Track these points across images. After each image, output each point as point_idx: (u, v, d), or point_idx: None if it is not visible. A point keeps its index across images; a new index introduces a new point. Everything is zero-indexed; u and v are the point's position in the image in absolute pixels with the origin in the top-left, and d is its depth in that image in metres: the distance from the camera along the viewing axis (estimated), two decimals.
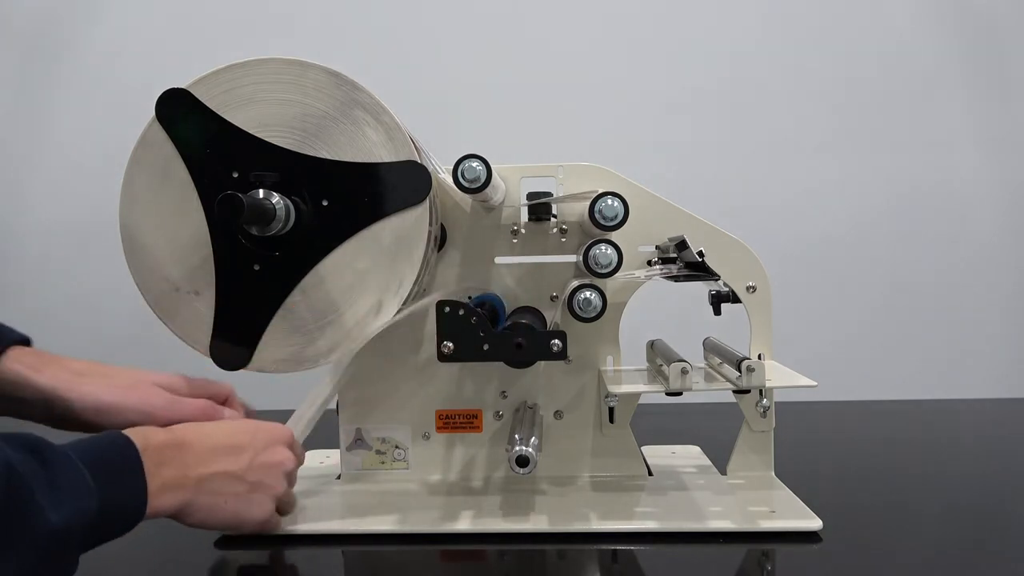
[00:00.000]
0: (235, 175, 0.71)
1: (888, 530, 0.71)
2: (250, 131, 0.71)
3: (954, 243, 1.42)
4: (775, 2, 1.42)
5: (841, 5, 1.42)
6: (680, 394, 0.73)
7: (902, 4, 1.41)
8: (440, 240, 0.81)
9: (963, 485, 0.87)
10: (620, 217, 0.71)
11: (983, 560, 0.66)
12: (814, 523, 0.69)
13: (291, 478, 0.70)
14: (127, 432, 0.56)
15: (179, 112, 0.71)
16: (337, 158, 0.71)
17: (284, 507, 0.71)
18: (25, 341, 0.71)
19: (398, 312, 0.72)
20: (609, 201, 0.71)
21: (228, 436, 0.64)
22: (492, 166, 0.71)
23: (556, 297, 0.82)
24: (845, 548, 0.67)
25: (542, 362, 0.81)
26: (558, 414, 0.83)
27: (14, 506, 0.43)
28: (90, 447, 0.53)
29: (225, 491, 0.62)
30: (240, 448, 0.63)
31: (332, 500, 0.79)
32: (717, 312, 0.80)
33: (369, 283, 0.72)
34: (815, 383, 0.71)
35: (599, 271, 0.71)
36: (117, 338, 1.20)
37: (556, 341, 0.67)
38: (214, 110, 0.71)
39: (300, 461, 0.72)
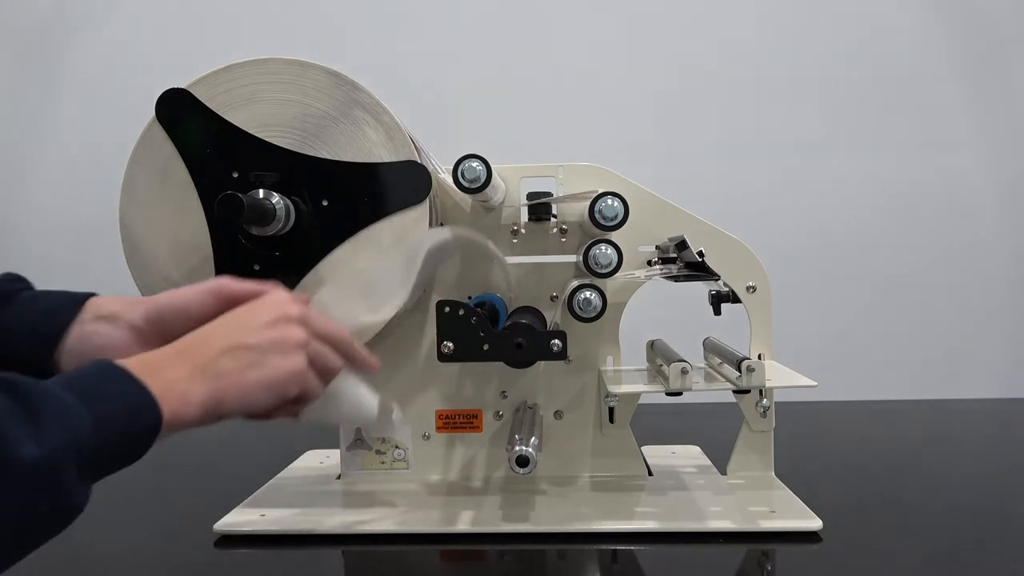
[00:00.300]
0: (235, 175, 0.71)
1: (888, 530, 0.70)
2: (250, 131, 0.71)
3: (954, 243, 1.42)
4: (775, 3, 1.42)
5: (842, 5, 1.42)
6: (680, 394, 0.73)
7: (903, 4, 1.41)
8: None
9: (963, 485, 0.87)
10: (620, 217, 0.71)
11: (983, 560, 0.66)
12: (814, 523, 0.69)
13: (305, 317, 0.61)
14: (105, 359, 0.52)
15: (179, 112, 0.71)
16: (337, 158, 0.71)
17: (329, 375, 0.63)
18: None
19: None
20: (609, 201, 0.71)
21: (217, 323, 0.58)
22: (492, 166, 0.71)
23: (556, 297, 0.82)
24: (845, 548, 0.67)
25: (542, 362, 0.81)
26: (558, 414, 0.83)
27: None
28: (69, 375, 0.50)
29: (237, 365, 0.56)
30: (231, 325, 0.58)
31: (332, 500, 0.79)
32: (717, 312, 0.80)
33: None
34: (815, 383, 0.71)
35: (599, 271, 0.71)
36: None
37: (556, 341, 0.67)
38: (214, 110, 0.71)
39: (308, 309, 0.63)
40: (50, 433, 0.44)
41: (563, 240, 0.82)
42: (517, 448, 0.67)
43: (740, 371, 0.70)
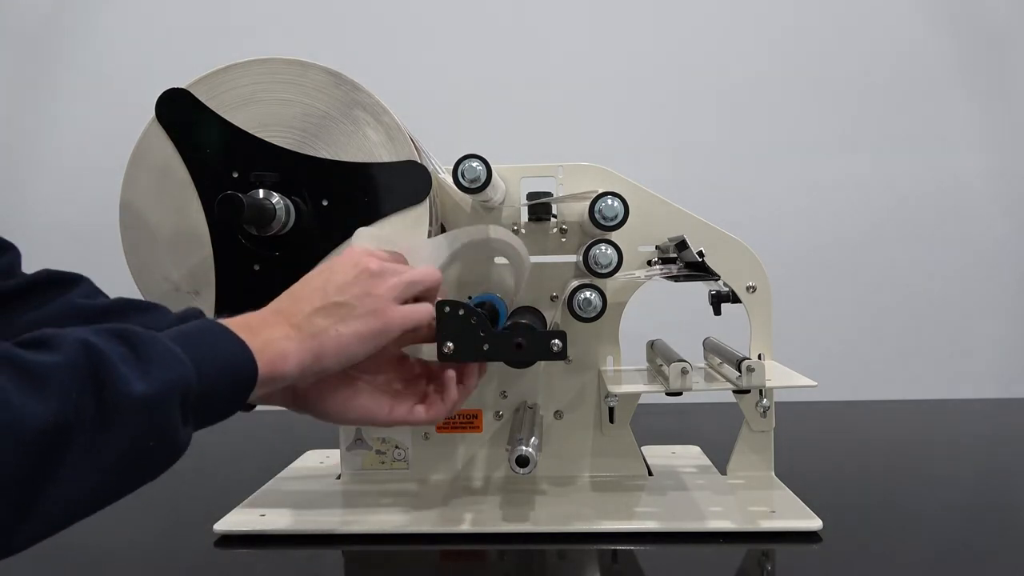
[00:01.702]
0: (235, 175, 0.71)
1: (888, 530, 0.70)
2: (250, 131, 0.71)
3: (954, 243, 1.42)
4: (776, 4, 1.42)
5: (841, 6, 1.42)
6: (680, 394, 0.73)
7: (904, 5, 1.41)
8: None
9: (963, 485, 0.87)
10: (620, 217, 0.71)
11: (983, 560, 0.66)
12: (814, 523, 0.69)
13: (385, 267, 0.63)
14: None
15: (179, 112, 0.71)
16: (337, 158, 0.71)
17: (429, 295, 0.66)
18: None
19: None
20: (609, 201, 0.71)
21: (303, 283, 0.61)
22: (492, 166, 0.71)
23: (556, 297, 0.82)
24: (845, 548, 0.67)
25: (542, 362, 0.81)
26: (558, 414, 0.83)
27: (97, 377, 0.44)
28: (180, 329, 0.53)
29: (329, 321, 0.59)
30: (317, 285, 0.61)
31: (332, 500, 0.79)
32: (717, 312, 0.80)
33: None
34: (815, 383, 0.71)
35: (599, 271, 0.71)
36: None
37: (556, 341, 0.67)
38: (214, 110, 0.71)
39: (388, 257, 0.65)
40: (157, 374, 0.47)
41: (563, 240, 0.82)
42: (517, 448, 0.67)
43: (740, 371, 0.70)
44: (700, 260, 0.72)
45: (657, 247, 0.80)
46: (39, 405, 0.42)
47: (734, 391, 0.78)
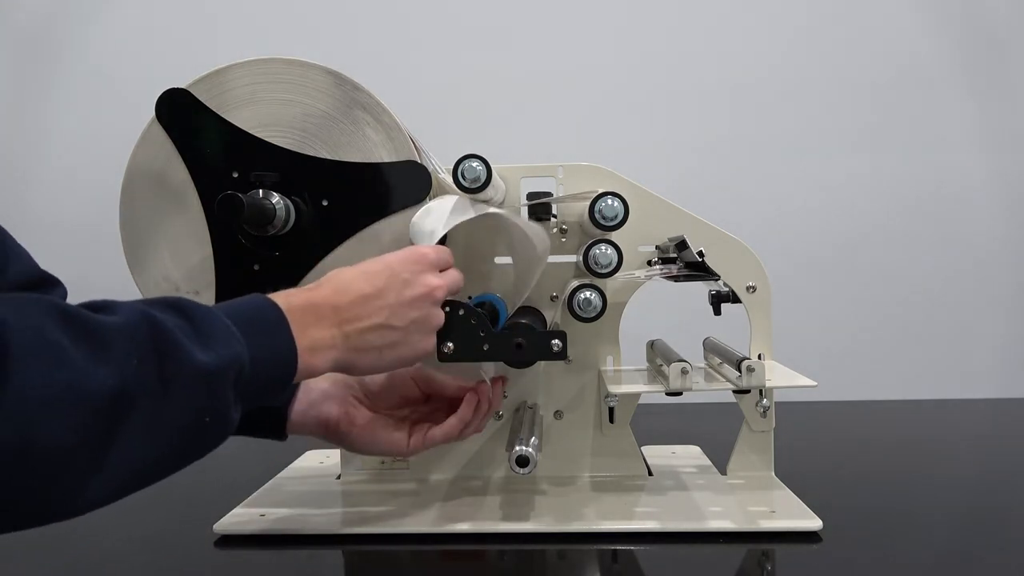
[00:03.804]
0: (235, 175, 0.71)
1: (888, 530, 0.70)
2: (250, 131, 0.71)
3: (954, 243, 1.42)
4: (777, 3, 1.42)
5: (841, 6, 1.42)
6: (680, 394, 0.73)
7: (905, 5, 1.41)
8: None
9: (963, 485, 0.87)
10: (620, 217, 0.71)
11: (983, 560, 0.66)
12: (814, 523, 0.69)
13: (448, 294, 0.65)
14: (268, 295, 0.56)
15: (179, 112, 0.71)
16: (337, 158, 0.71)
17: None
18: None
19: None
20: (609, 201, 0.71)
21: (366, 283, 0.60)
22: (492, 166, 0.71)
23: (556, 297, 0.82)
24: (845, 548, 0.67)
25: (542, 362, 0.81)
26: (558, 414, 0.83)
27: (159, 346, 0.44)
28: (233, 306, 0.53)
29: (379, 343, 0.60)
30: (381, 293, 0.60)
31: (332, 500, 0.79)
32: (717, 312, 0.80)
33: None
34: (815, 383, 0.71)
35: (599, 271, 0.71)
36: None
37: (556, 341, 0.67)
38: (214, 110, 0.71)
39: (451, 278, 0.67)
40: (218, 349, 0.47)
41: (563, 240, 0.82)
42: (517, 448, 0.67)
43: (740, 371, 0.70)
44: (700, 260, 0.72)
45: (657, 247, 0.80)
46: (101, 369, 0.41)
47: (734, 391, 0.78)
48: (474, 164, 0.70)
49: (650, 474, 0.83)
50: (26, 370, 0.38)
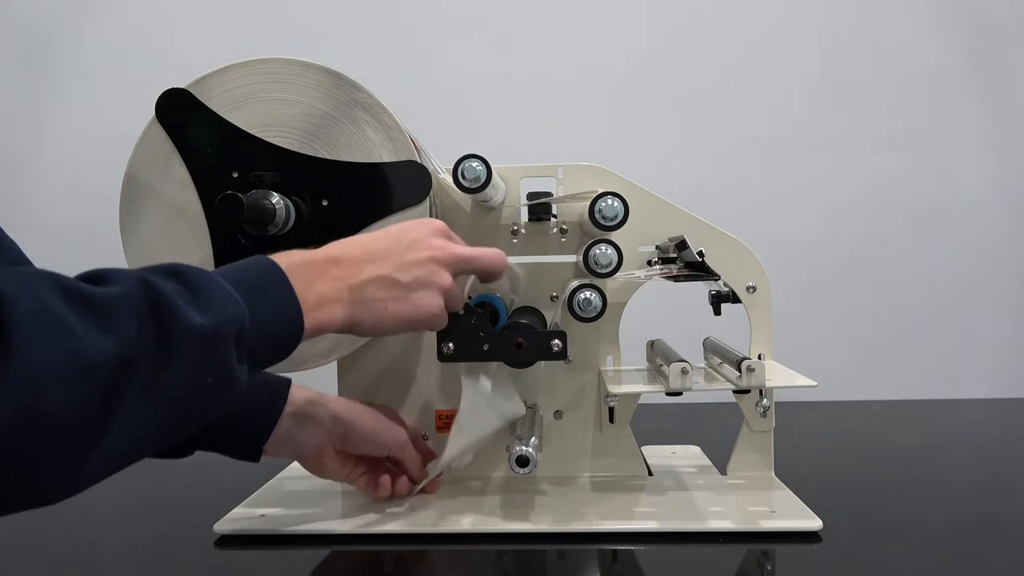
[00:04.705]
0: (235, 175, 0.71)
1: (888, 530, 0.70)
2: (250, 131, 0.71)
3: (955, 243, 1.42)
4: (776, 2, 1.42)
5: (841, 5, 1.42)
6: (680, 394, 0.73)
7: (908, 6, 1.41)
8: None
9: (963, 485, 0.87)
10: (620, 217, 0.71)
11: (982, 560, 0.66)
12: (814, 523, 0.69)
13: (457, 260, 0.64)
14: (270, 256, 0.56)
15: (179, 112, 0.71)
16: (337, 158, 0.71)
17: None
18: None
19: None
20: (609, 201, 0.71)
21: (372, 242, 0.62)
22: (492, 166, 0.71)
23: (556, 297, 0.82)
24: (845, 548, 0.67)
25: (542, 362, 0.81)
26: (558, 414, 0.83)
27: (156, 312, 0.44)
28: (233, 268, 0.53)
29: (382, 296, 0.60)
30: (386, 252, 0.61)
31: (332, 500, 0.79)
32: (717, 312, 0.80)
33: None
34: (815, 383, 0.71)
35: (599, 271, 0.71)
36: None
37: (556, 341, 0.67)
38: (214, 110, 0.71)
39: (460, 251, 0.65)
40: (214, 312, 0.48)
41: (563, 240, 0.82)
42: (517, 448, 0.67)
43: (740, 371, 0.70)
44: (700, 260, 0.72)
45: (657, 247, 0.80)
46: (102, 338, 0.41)
47: (734, 391, 0.78)
48: (474, 164, 0.70)
49: (650, 474, 0.83)
50: (29, 340, 0.38)
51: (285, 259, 0.56)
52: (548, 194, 0.79)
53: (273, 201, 0.68)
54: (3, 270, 0.41)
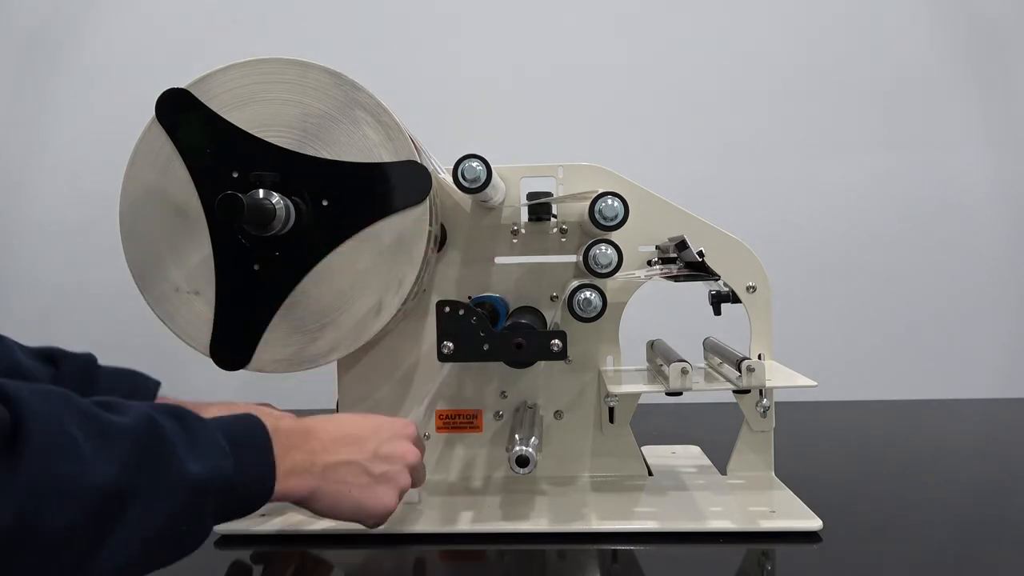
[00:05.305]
0: (235, 175, 0.71)
1: (888, 530, 0.70)
2: (250, 131, 0.71)
3: (954, 243, 1.42)
4: (777, 2, 1.42)
5: (841, 5, 1.42)
6: (680, 394, 0.73)
7: (910, 7, 1.41)
8: (440, 240, 0.81)
9: (963, 485, 0.87)
10: (620, 217, 0.71)
11: (982, 560, 0.66)
12: (814, 523, 0.69)
13: (417, 473, 0.68)
14: (257, 413, 0.58)
15: (179, 112, 0.71)
16: (337, 158, 0.71)
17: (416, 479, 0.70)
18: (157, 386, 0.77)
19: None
20: (609, 201, 0.71)
21: (352, 426, 0.64)
22: (492, 166, 0.71)
23: (556, 297, 0.82)
24: (845, 548, 0.67)
25: (542, 362, 0.81)
26: (558, 414, 0.83)
27: (157, 452, 0.46)
28: (225, 421, 0.55)
29: (349, 480, 0.62)
30: (363, 439, 0.63)
31: None
32: (717, 312, 0.80)
33: (369, 283, 0.72)
34: (815, 383, 0.71)
35: (599, 271, 0.71)
36: (117, 338, 1.20)
37: (556, 341, 0.67)
38: (214, 110, 0.71)
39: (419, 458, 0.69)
40: (204, 460, 0.49)
41: (563, 240, 0.82)
42: (517, 448, 0.67)
43: (740, 371, 0.70)
44: (700, 260, 0.72)
45: (657, 247, 0.80)
46: (106, 464, 0.43)
47: (734, 391, 0.78)
48: (474, 164, 0.70)
49: (650, 474, 0.83)
50: (40, 458, 0.40)
51: (272, 422, 0.58)
52: (548, 194, 0.79)
53: (273, 201, 0.68)
54: (26, 386, 0.42)
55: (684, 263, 0.74)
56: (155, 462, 0.46)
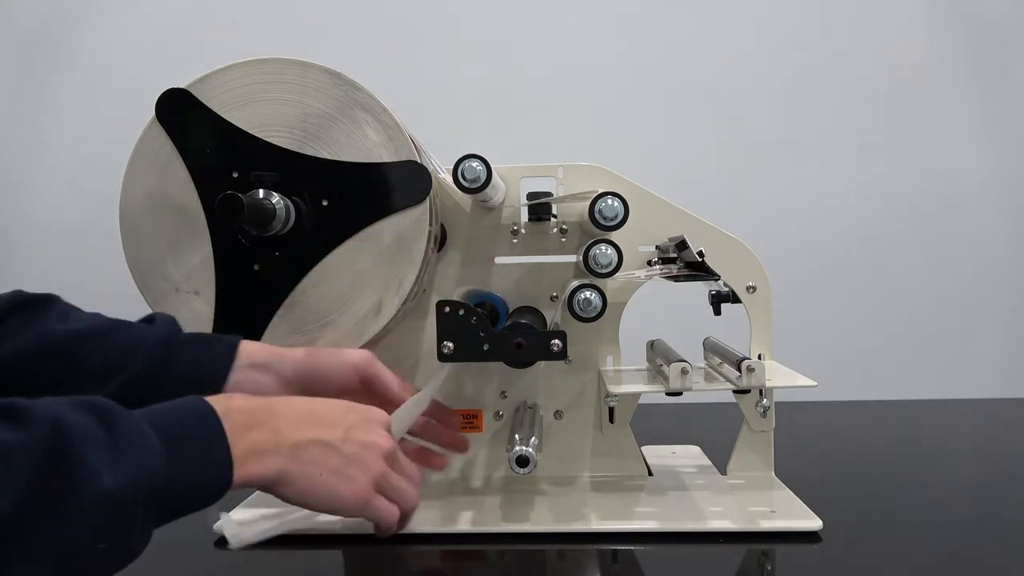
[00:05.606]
0: (235, 175, 0.71)
1: (888, 530, 0.70)
2: (250, 131, 0.71)
3: (954, 243, 1.42)
4: (777, 2, 1.42)
5: (841, 5, 1.42)
6: (680, 394, 0.73)
7: (910, 7, 1.41)
8: (440, 240, 0.81)
9: (963, 485, 0.87)
10: (620, 217, 0.71)
11: (982, 560, 0.66)
12: (814, 523, 0.69)
13: (394, 464, 0.63)
14: (208, 398, 0.53)
15: (179, 112, 0.71)
16: (337, 158, 0.71)
17: (406, 509, 0.66)
18: None
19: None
20: (609, 201, 0.71)
21: (321, 406, 0.60)
22: (492, 166, 0.71)
23: (556, 297, 0.82)
24: (845, 548, 0.67)
25: (542, 362, 0.81)
26: (558, 414, 0.83)
27: (62, 468, 0.41)
28: (162, 410, 0.50)
29: (320, 461, 0.57)
30: (334, 421, 0.59)
31: None
32: (717, 312, 0.80)
33: (369, 283, 0.72)
34: (815, 383, 0.71)
35: (599, 271, 0.71)
36: None
37: (556, 341, 0.67)
38: (214, 110, 0.71)
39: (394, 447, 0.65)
40: (124, 465, 0.44)
41: (563, 240, 0.82)
42: (517, 448, 0.67)
43: (740, 371, 0.70)
44: (700, 260, 0.72)
45: (657, 247, 0.80)
46: None
47: (734, 391, 0.78)
48: (474, 164, 0.70)
49: (650, 474, 0.83)
50: None
51: (224, 402, 0.52)
52: (548, 194, 0.79)
53: (273, 201, 0.68)
54: None
55: (684, 263, 0.74)
56: (59, 479, 0.41)
